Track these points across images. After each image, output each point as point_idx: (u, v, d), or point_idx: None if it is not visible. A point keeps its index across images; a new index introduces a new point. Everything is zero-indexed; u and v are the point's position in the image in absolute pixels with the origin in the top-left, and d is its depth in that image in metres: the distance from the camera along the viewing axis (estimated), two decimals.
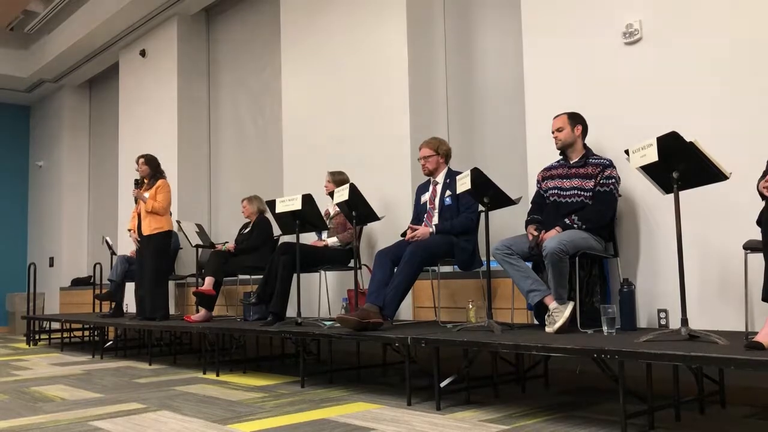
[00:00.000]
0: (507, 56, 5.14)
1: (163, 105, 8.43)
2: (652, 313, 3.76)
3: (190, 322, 5.43)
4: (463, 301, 4.69)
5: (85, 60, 9.93)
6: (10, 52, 10.57)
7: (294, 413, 3.42)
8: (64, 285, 10.51)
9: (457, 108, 5.49)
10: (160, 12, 8.26)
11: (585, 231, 3.67)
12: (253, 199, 6.19)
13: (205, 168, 8.34)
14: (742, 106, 3.47)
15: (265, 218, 6.06)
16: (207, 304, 5.61)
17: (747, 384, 3.35)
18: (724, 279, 3.49)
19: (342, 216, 5.13)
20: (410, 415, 3.28)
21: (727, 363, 2.37)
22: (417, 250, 4.12)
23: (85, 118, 11.24)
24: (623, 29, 3.97)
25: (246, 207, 6.17)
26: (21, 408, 3.80)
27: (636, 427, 2.90)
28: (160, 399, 3.98)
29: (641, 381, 3.08)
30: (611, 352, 2.68)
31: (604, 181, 3.74)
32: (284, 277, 4.83)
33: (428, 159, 4.55)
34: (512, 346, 3.05)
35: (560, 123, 3.90)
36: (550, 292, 3.58)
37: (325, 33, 6.17)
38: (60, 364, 6.08)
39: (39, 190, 11.79)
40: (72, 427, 3.24)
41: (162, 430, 3.12)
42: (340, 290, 5.80)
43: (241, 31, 7.96)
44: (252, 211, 6.14)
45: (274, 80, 7.27)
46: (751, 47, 3.45)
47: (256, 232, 6.00)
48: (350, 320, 3.86)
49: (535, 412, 3.29)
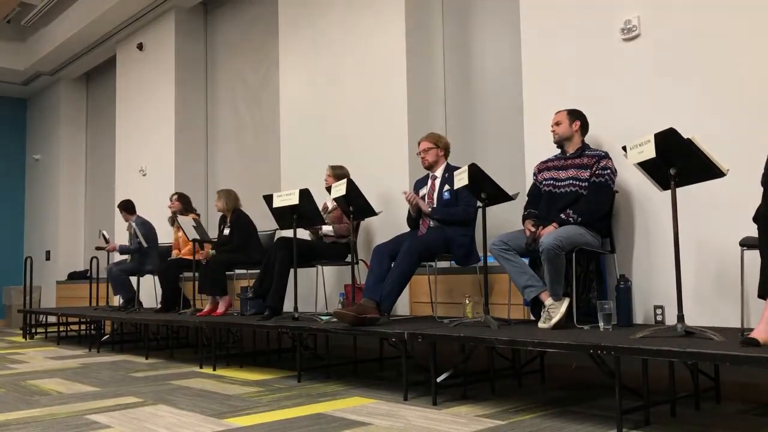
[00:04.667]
0: (505, 53, 5.13)
1: (161, 98, 8.42)
2: (648, 309, 3.77)
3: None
4: (459, 296, 4.69)
5: (83, 53, 9.90)
6: (7, 44, 10.53)
7: (291, 408, 3.42)
8: (61, 278, 10.50)
9: (455, 102, 5.48)
10: (158, 5, 8.24)
11: (581, 227, 3.67)
12: (222, 195, 5.90)
13: (202, 162, 8.33)
14: (740, 103, 3.47)
15: (242, 214, 5.90)
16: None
17: (742, 380, 3.36)
18: (720, 275, 3.49)
19: (340, 210, 5.13)
20: (407, 410, 3.28)
21: (723, 359, 2.37)
22: (414, 245, 4.13)
23: (82, 111, 11.21)
24: (621, 25, 3.96)
25: (216, 202, 5.93)
26: (17, 401, 3.80)
27: (632, 422, 2.91)
28: (156, 393, 3.98)
29: (637, 377, 3.09)
30: (607, 348, 2.68)
31: (599, 172, 3.74)
32: (281, 271, 4.83)
33: (428, 152, 4.56)
34: (509, 341, 3.06)
35: (559, 118, 3.93)
36: (546, 288, 3.59)
37: (323, 27, 6.16)
38: (56, 357, 6.07)
39: (36, 184, 11.77)
40: (68, 420, 3.24)
41: (158, 424, 3.12)
42: (337, 285, 5.80)
43: (239, 25, 7.94)
44: (223, 207, 5.89)
45: (272, 74, 7.26)
46: (750, 43, 3.45)
47: (237, 232, 5.80)
48: (347, 315, 3.86)
49: (531, 407, 3.30)
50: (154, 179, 8.50)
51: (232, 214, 5.91)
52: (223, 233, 5.95)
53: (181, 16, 8.31)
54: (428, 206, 4.42)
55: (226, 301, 5.66)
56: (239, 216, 5.90)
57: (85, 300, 9.18)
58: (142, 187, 8.70)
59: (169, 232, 7.18)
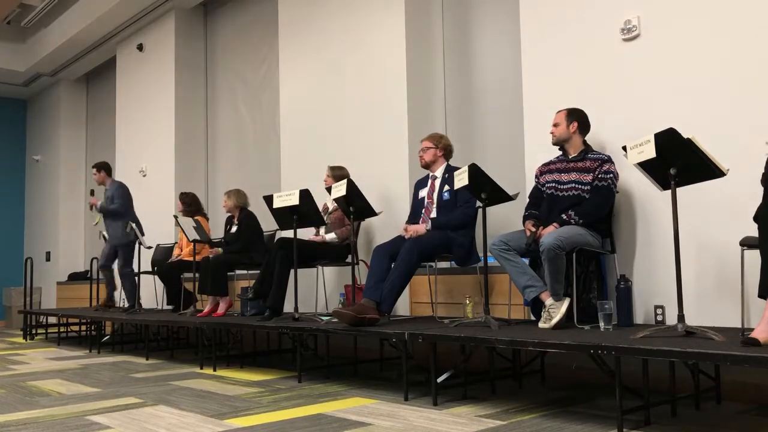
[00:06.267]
0: (505, 52, 5.13)
1: (161, 99, 8.42)
2: (648, 309, 3.77)
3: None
4: (460, 296, 4.69)
5: (82, 54, 9.90)
6: (7, 45, 10.53)
7: (291, 408, 3.42)
8: (61, 279, 10.50)
9: (455, 102, 5.48)
10: (158, 6, 8.24)
11: (582, 227, 3.67)
12: (232, 194, 5.95)
13: (202, 162, 8.33)
14: (740, 102, 3.47)
15: (250, 214, 5.93)
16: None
17: (743, 380, 3.36)
18: (720, 275, 3.49)
19: (340, 211, 5.13)
20: (407, 410, 3.28)
21: (723, 359, 2.37)
22: (414, 245, 4.13)
23: (82, 112, 11.21)
24: (621, 25, 3.96)
25: (225, 202, 5.96)
26: (18, 402, 3.80)
27: (632, 422, 2.90)
28: (157, 394, 3.98)
29: (637, 377, 3.09)
30: (608, 348, 2.68)
31: (602, 176, 3.74)
32: (281, 272, 4.83)
33: (426, 151, 4.57)
34: (509, 341, 3.06)
35: (558, 118, 3.92)
36: (546, 288, 3.58)
37: (323, 27, 6.16)
38: (57, 358, 6.07)
39: (36, 185, 11.77)
40: (69, 421, 3.24)
41: (159, 424, 3.12)
42: (337, 285, 5.80)
43: (239, 26, 7.94)
44: (231, 206, 5.93)
45: (272, 75, 7.26)
46: (750, 43, 3.45)
47: (245, 230, 5.82)
48: (347, 315, 3.86)
49: (531, 407, 3.30)
50: (154, 180, 8.51)
51: (240, 212, 5.93)
52: (230, 232, 5.98)
53: (181, 16, 8.32)
54: (427, 221, 4.42)
55: (226, 301, 5.66)
56: (247, 215, 5.91)
57: (85, 301, 9.18)
58: (142, 187, 8.71)
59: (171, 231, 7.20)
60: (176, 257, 6.70)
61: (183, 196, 6.71)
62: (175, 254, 6.85)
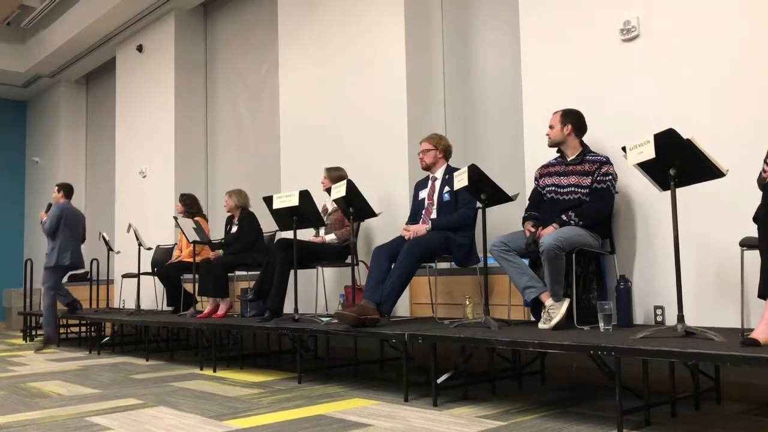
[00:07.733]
0: (504, 53, 5.13)
1: (160, 101, 8.42)
2: (648, 309, 3.77)
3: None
4: (460, 297, 4.69)
5: (82, 55, 9.91)
6: (7, 46, 10.53)
7: (291, 409, 3.42)
8: None
9: (455, 103, 5.48)
10: (158, 7, 8.24)
11: (582, 227, 3.67)
12: (234, 194, 5.97)
13: (202, 163, 8.33)
14: (739, 103, 3.47)
15: (250, 214, 5.93)
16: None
17: (743, 380, 3.36)
18: (720, 276, 3.49)
19: (340, 212, 5.13)
20: (407, 411, 3.28)
21: (723, 359, 2.37)
22: (414, 246, 4.13)
23: (82, 113, 11.21)
24: (621, 26, 3.96)
25: (227, 201, 5.98)
26: (18, 404, 3.80)
27: (632, 423, 2.91)
28: (157, 395, 3.98)
29: (637, 377, 3.09)
30: (608, 349, 2.68)
31: (601, 178, 3.74)
32: (281, 273, 4.83)
33: (426, 153, 4.57)
34: (509, 342, 3.06)
35: (553, 121, 3.92)
36: (546, 289, 3.59)
37: (323, 29, 6.16)
38: (57, 359, 6.07)
39: (36, 186, 11.76)
40: (69, 422, 3.24)
41: (159, 425, 3.12)
42: (337, 286, 5.80)
43: (238, 27, 7.95)
44: (233, 206, 5.94)
45: (272, 76, 7.26)
46: (749, 43, 3.45)
47: (245, 231, 5.82)
48: (347, 316, 3.86)
49: (531, 408, 3.30)
50: (154, 181, 8.51)
51: (241, 212, 5.93)
52: (230, 232, 5.98)
53: (181, 17, 8.32)
54: (427, 222, 4.42)
55: (227, 302, 5.66)
56: (248, 215, 5.92)
57: (85, 302, 9.17)
58: (142, 188, 8.71)
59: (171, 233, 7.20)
60: (176, 258, 6.71)
61: (183, 198, 6.72)
62: (175, 255, 6.85)
